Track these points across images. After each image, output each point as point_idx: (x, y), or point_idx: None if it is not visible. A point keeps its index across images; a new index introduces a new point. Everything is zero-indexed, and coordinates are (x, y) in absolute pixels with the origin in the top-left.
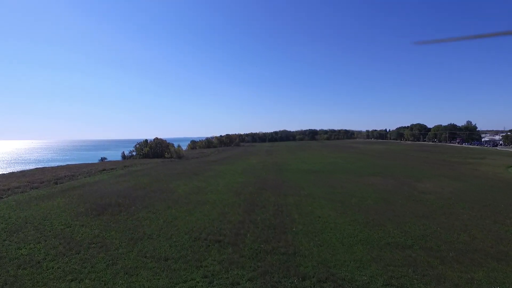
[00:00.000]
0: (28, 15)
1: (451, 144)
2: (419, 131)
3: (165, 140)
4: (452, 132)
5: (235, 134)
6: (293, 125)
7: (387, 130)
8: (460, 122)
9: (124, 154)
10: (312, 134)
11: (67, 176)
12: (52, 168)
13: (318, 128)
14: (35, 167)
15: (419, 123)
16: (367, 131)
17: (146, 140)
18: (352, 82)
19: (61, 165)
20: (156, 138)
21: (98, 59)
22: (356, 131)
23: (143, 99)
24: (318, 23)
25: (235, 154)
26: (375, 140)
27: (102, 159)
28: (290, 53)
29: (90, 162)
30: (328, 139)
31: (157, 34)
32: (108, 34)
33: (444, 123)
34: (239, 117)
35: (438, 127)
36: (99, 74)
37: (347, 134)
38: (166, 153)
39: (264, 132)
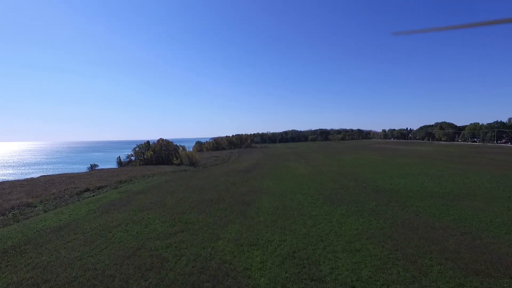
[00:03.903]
0: (26, 17)
1: (506, 145)
2: (454, 130)
3: (172, 142)
4: (500, 131)
5: (246, 134)
6: (296, 125)
7: (408, 129)
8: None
9: (120, 159)
10: (324, 134)
11: (17, 207)
12: (12, 184)
13: (324, 127)
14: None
15: (445, 121)
16: (384, 130)
17: (148, 142)
18: (355, 82)
19: (31, 178)
20: (161, 140)
21: (97, 61)
22: (370, 131)
23: (141, 100)
24: (318, 24)
25: (260, 160)
26: (396, 140)
27: (92, 166)
28: (291, 53)
29: (76, 170)
30: (342, 139)
31: (156, 34)
32: (107, 35)
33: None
34: (241, 117)
35: (476, 125)
36: (98, 76)
37: (362, 134)
38: (175, 159)
39: (273, 132)
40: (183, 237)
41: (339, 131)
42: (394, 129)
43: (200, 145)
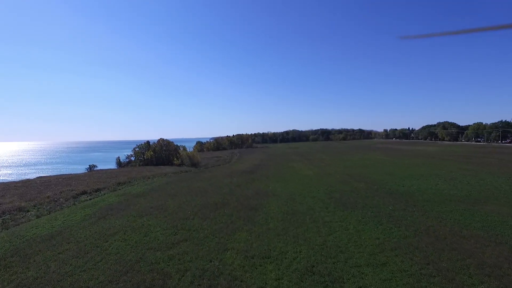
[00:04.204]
0: (26, 17)
1: (511, 145)
2: (457, 130)
3: (172, 142)
4: (504, 131)
5: (247, 134)
6: (297, 125)
7: (410, 128)
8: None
9: (119, 160)
10: (326, 134)
11: (8, 212)
12: (6, 186)
13: (325, 127)
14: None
15: (447, 121)
16: (385, 130)
17: (148, 142)
18: (355, 82)
19: (28, 179)
20: (161, 140)
21: (97, 61)
22: (371, 130)
23: (141, 100)
24: (318, 24)
25: (263, 160)
26: (399, 140)
27: (91, 167)
28: (291, 53)
29: (75, 170)
30: (344, 139)
31: (156, 34)
32: (107, 35)
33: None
34: (241, 117)
35: (479, 125)
36: (98, 76)
37: (364, 134)
38: (175, 159)
39: (273, 132)
40: (186, 248)
41: (340, 131)
42: (396, 129)
43: (200, 145)
